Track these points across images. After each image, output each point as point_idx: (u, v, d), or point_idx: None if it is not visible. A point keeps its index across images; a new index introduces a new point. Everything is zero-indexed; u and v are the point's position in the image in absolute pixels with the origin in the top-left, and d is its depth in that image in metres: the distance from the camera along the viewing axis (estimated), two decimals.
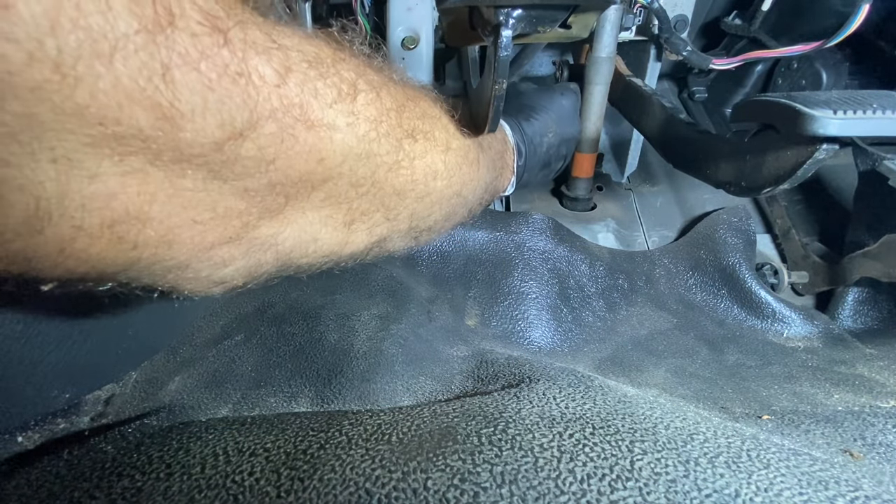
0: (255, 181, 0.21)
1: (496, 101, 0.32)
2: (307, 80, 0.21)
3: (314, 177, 0.23)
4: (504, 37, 0.30)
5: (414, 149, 0.29)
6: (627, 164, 0.68)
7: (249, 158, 0.20)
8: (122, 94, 0.16)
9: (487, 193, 0.45)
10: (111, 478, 0.25)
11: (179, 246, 0.20)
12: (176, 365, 0.39)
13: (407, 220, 0.32)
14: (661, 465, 0.23)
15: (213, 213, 0.20)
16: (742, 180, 0.43)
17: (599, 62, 0.54)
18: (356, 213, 0.28)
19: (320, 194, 0.25)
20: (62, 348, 0.32)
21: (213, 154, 0.19)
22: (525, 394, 0.30)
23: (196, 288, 0.24)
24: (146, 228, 0.19)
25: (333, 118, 0.23)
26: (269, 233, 0.24)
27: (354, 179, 0.26)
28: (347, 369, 0.37)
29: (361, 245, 0.30)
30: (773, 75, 0.70)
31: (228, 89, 0.18)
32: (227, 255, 0.23)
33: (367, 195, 0.27)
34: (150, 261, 0.20)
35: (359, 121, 0.24)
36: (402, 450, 0.25)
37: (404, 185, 0.29)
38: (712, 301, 0.54)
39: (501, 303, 0.49)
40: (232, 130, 0.18)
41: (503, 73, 0.31)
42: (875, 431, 0.30)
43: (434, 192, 0.32)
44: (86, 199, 0.17)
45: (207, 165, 0.19)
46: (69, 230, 0.17)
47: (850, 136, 0.36)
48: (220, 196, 0.20)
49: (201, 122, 0.18)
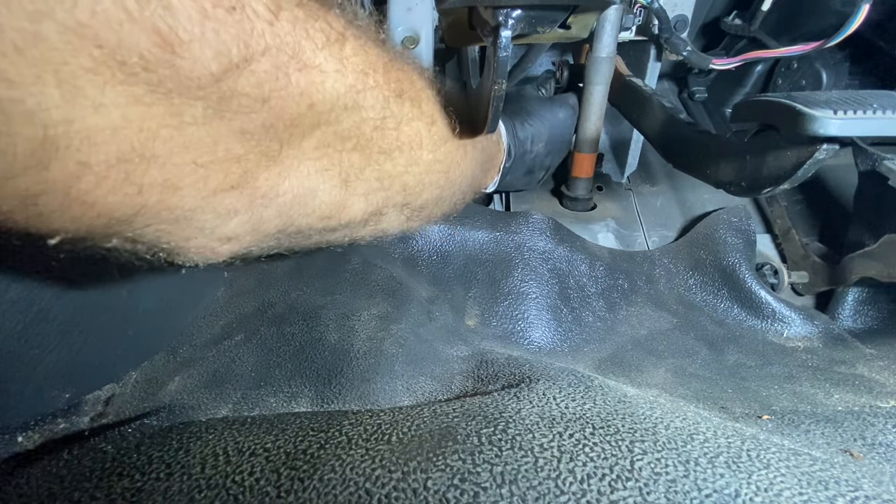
0: (251, 121, 0.21)
1: (495, 101, 0.32)
2: (297, 21, 0.22)
3: (304, 121, 0.24)
4: (503, 37, 0.30)
5: (401, 110, 0.30)
6: (627, 164, 0.68)
7: (245, 95, 0.20)
8: (122, 14, 0.16)
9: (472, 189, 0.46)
10: (111, 478, 0.25)
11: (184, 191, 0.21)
12: (176, 365, 0.39)
13: (400, 191, 0.33)
14: (661, 465, 0.23)
15: (214, 156, 0.21)
16: (742, 180, 0.43)
17: (599, 62, 0.54)
18: (349, 169, 0.28)
19: (312, 142, 0.25)
20: (62, 348, 0.32)
21: (211, 87, 0.19)
22: (525, 394, 0.30)
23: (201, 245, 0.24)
24: (150, 168, 0.19)
25: (323, 62, 0.23)
26: (269, 184, 0.24)
27: (341, 130, 0.26)
28: (347, 369, 0.37)
29: (359, 211, 0.31)
30: (773, 75, 0.70)
31: (223, 19, 0.19)
32: (230, 204, 0.23)
33: (356, 151, 0.28)
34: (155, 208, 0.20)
35: (346, 69, 0.25)
36: (402, 450, 0.25)
37: (390, 146, 0.30)
38: (712, 301, 0.54)
39: (501, 303, 0.49)
40: (228, 62, 0.19)
41: (502, 74, 0.31)
42: (875, 431, 0.30)
43: (421, 162, 0.33)
44: (91, 130, 0.17)
45: (206, 100, 0.19)
46: (75, 166, 0.17)
47: (850, 136, 0.36)
48: (218, 136, 0.21)
49: (199, 51, 0.18)
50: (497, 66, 0.31)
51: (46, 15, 0.15)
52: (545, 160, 0.56)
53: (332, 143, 0.27)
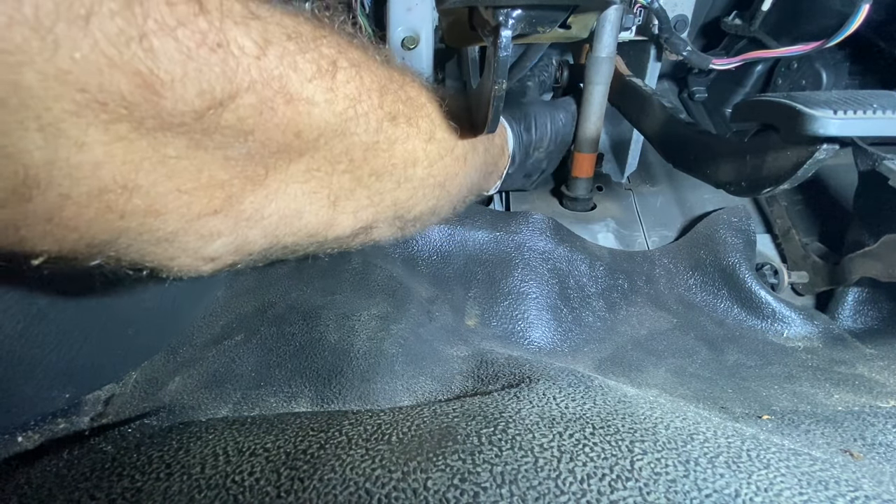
0: (235, 150, 0.21)
1: (496, 101, 0.32)
2: (286, 54, 0.22)
3: (291, 149, 0.24)
4: (503, 37, 0.30)
5: (394, 132, 0.29)
6: (627, 164, 0.68)
7: (229, 128, 0.20)
8: (102, 59, 0.16)
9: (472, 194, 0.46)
10: (111, 478, 0.25)
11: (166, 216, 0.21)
12: (176, 365, 0.39)
13: (391, 207, 0.33)
14: (661, 465, 0.23)
15: (197, 183, 0.21)
16: (742, 180, 0.43)
17: (599, 62, 0.54)
18: (339, 191, 0.28)
19: (300, 167, 0.25)
20: (62, 348, 0.32)
21: (194, 122, 0.19)
22: (525, 394, 0.30)
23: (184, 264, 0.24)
24: (133, 198, 0.19)
25: (312, 93, 0.23)
26: (254, 207, 0.24)
27: (331, 156, 0.26)
28: (347, 369, 0.37)
29: (347, 228, 0.31)
30: (773, 75, 0.70)
31: (207, 59, 0.18)
32: (214, 227, 0.23)
33: (346, 174, 0.28)
34: (137, 231, 0.21)
35: (337, 98, 0.24)
36: (402, 450, 0.25)
37: (382, 167, 0.30)
38: (712, 301, 0.54)
39: (501, 303, 0.49)
40: (212, 100, 0.19)
41: (502, 74, 0.31)
42: (875, 431, 0.30)
43: (414, 178, 0.33)
44: (73, 167, 0.17)
45: (189, 134, 0.19)
46: (57, 198, 0.17)
47: (850, 136, 0.36)
48: (202, 165, 0.21)
49: (181, 91, 0.18)
50: (497, 65, 0.31)
51: (26, 64, 0.15)
52: (542, 164, 0.57)
53: (321, 167, 0.26)
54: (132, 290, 0.38)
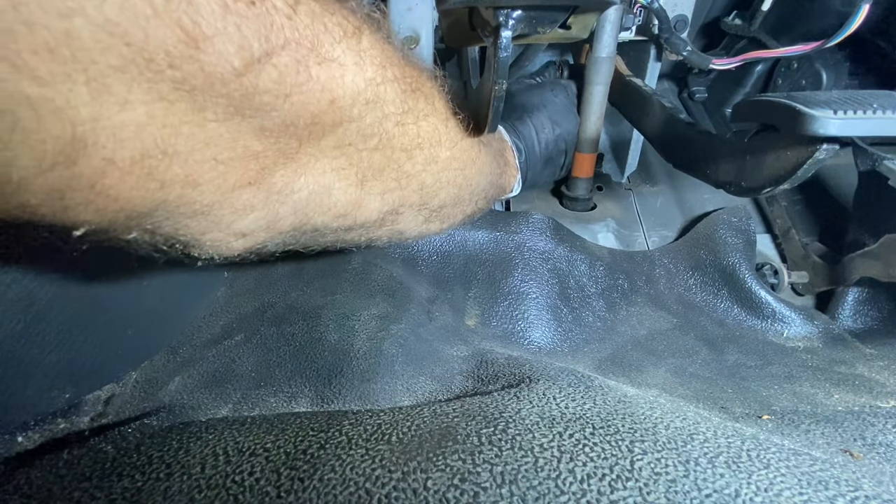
0: (271, 119, 0.22)
1: (496, 101, 0.32)
2: (315, 14, 0.22)
3: (325, 119, 0.24)
4: (504, 38, 0.30)
5: (418, 106, 0.30)
6: (627, 164, 0.68)
7: (267, 92, 0.21)
8: (148, 10, 0.16)
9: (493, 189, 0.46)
10: (111, 478, 0.25)
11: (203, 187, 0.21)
12: (176, 365, 0.39)
13: (417, 191, 0.33)
14: (661, 465, 0.23)
15: (233, 153, 0.21)
16: (742, 180, 0.43)
17: (599, 62, 0.54)
18: (367, 169, 0.28)
19: (331, 141, 0.25)
20: (62, 348, 0.32)
21: (234, 82, 0.19)
22: (525, 394, 0.30)
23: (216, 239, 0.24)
24: (173, 165, 0.20)
25: (342, 55, 0.23)
26: (285, 181, 0.25)
27: (364, 127, 0.26)
28: (347, 369, 0.37)
29: (374, 210, 0.31)
30: (773, 75, 0.70)
31: (245, 13, 0.19)
32: (247, 201, 0.23)
33: (376, 151, 0.28)
34: (175, 203, 0.21)
35: (365, 62, 0.25)
36: (402, 450, 0.25)
37: (411, 143, 0.30)
38: (712, 301, 0.54)
39: (501, 303, 0.49)
40: (250, 56, 0.19)
41: (503, 74, 0.31)
42: (875, 431, 0.30)
43: (439, 160, 0.33)
44: (117, 127, 0.17)
45: (228, 96, 0.20)
46: (101, 163, 0.18)
47: (850, 136, 0.36)
48: (238, 134, 0.21)
49: (221, 46, 0.18)
50: (497, 66, 0.31)
51: (77, 12, 0.15)
52: (558, 144, 0.56)
53: (353, 142, 0.27)
54: (133, 290, 0.38)
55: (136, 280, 0.38)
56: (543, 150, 0.55)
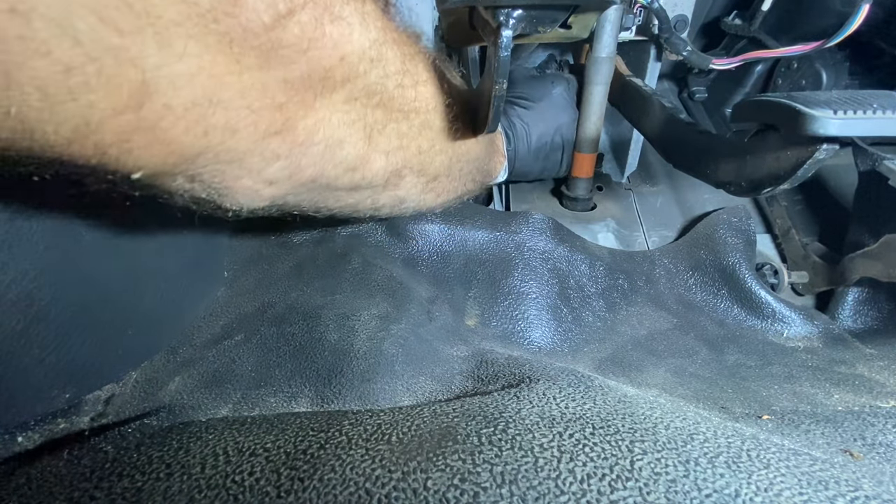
0: (292, 72, 0.25)
1: (496, 101, 0.32)
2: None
3: (336, 73, 0.27)
4: (504, 37, 0.30)
5: (416, 70, 0.33)
6: (627, 164, 0.68)
7: (290, 46, 0.24)
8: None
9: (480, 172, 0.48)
10: (111, 478, 0.25)
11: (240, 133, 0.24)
12: (176, 365, 0.39)
13: (416, 154, 0.36)
14: (661, 465, 0.23)
15: (263, 103, 0.24)
16: (742, 180, 0.43)
17: (599, 62, 0.54)
18: (374, 124, 0.32)
19: (341, 95, 0.29)
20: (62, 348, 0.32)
21: (264, 35, 0.23)
22: (525, 394, 0.30)
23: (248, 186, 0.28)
24: (217, 112, 0.23)
25: (349, 15, 0.27)
26: (306, 132, 0.28)
27: (369, 84, 0.30)
28: (347, 369, 0.37)
29: (381, 168, 0.34)
30: (773, 75, 0.70)
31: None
32: (275, 149, 0.27)
33: (379, 108, 0.31)
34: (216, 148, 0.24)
35: (369, 24, 0.28)
36: (402, 450, 0.25)
37: (408, 105, 0.33)
38: (712, 301, 0.54)
39: (501, 303, 0.49)
40: (277, 13, 0.23)
41: (503, 74, 0.31)
42: (875, 431, 0.30)
43: (433, 127, 0.36)
44: (175, 76, 0.20)
45: (259, 49, 0.23)
46: (161, 108, 0.21)
47: (850, 136, 0.36)
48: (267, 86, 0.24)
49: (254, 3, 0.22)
50: (498, 65, 0.31)
51: None
52: (554, 138, 0.56)
53: (359, 98, 0.30)
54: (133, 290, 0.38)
55: (135, 280, 0.38)
56: (535, 142, 0.55)
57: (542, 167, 0.58)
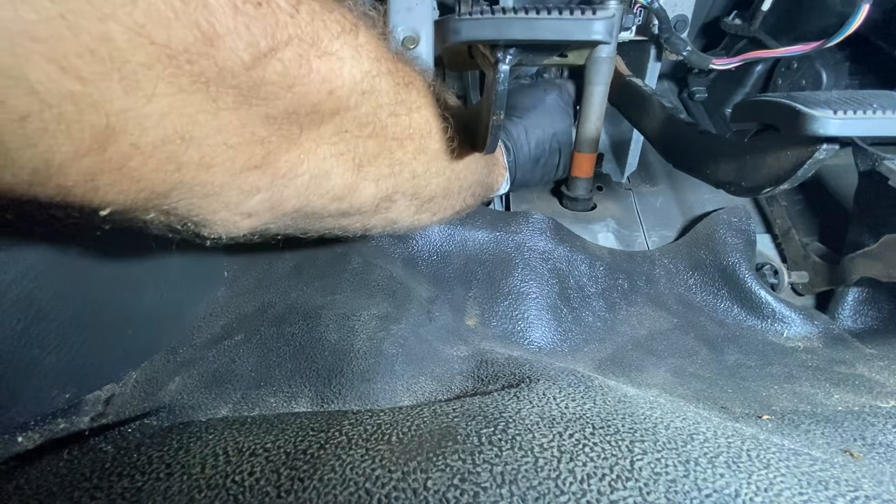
0: (276, 108, 0.24)
1: (494, 129, 0.33)
2: (315, 13, 0.24)
3: (325, 107, 0.26)
4: (501, 72, 0.31)
5: (410, 98, 0.32)
6: (627, 164, 0.68)
7: (273, 84, 0.23)
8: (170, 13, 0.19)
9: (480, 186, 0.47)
10: (111, 478, 0.25)
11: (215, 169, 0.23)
12: (176, 365, 0.39)
13: (410, 179, 0.35)
14: (661, 465, 0.23)
15: (242, 138, 0.24)
16: (742, 180, 0.43)
17: (599, 62, 0.54)
18: (363, 155, 0.31)
19: (330, 128, 0.28)
20: (62, 348, 0.32)
21: (243, 75, 0.22)
22: (525, 394, 0.30)
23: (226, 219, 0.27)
24: (189, 149, 0.22)
25: (339, 49, 0.26)
26: (289, 165, 0.27)
27: (360, 115, 0.29)
28: (347, 369, 0.37)
29: (370, 196, 0.33)
30: (773, 75, 0.70)
31: (252, 14, 0.21)
32: (254, 183, 0.26)
33: (371, 139, 0.30)
34: (190, 183, 0.23)
35: (361, 56, 0.27)
36: (402, 450, 0.25)
37: (403, 133, 0.32)
38: (712, 301, 0.54)
39: (501, 303, 0.49)
40: (257, 52, 0.22)
41: (501, 105, 0.32)
42: (875, 431, 0.30)
43: (429, 151, 0.35)
44: (143, 117, 0.20)
45: (238, 87, 0.22)
46: (128, 148, 0.20)
47: (850, 136, 0.36)
48: (246, 121, 0.23)
49: (232, 43, 0.21)
50: (496, 98, 0.31)
51: (111, 17, 0.17)
52: (552, 144, 0.56)
53: (350, 129, 0.29)
54: (133, 290, 0.38)
55: (135, 280, 0.38)
56: (534, 150, 0.55)
57: (542, 173, 0.58)
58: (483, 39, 0.32)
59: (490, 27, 0.31)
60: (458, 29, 0.32)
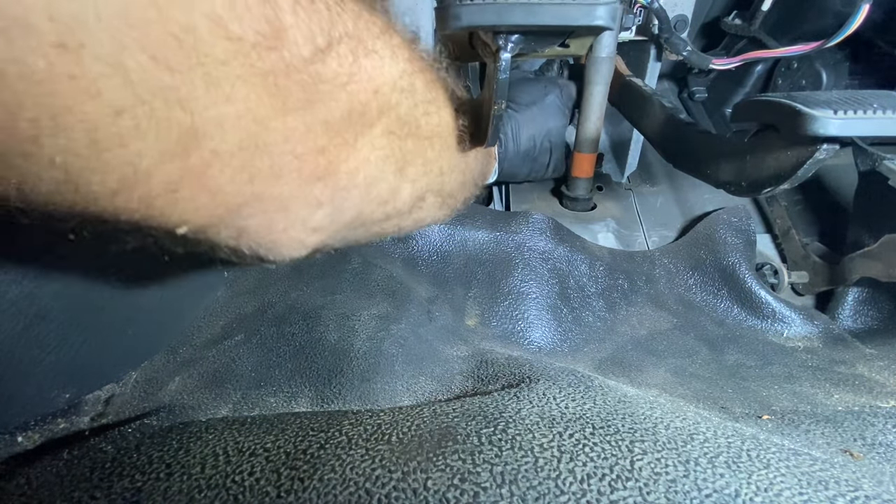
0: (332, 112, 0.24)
1: (495, 119, 0.33)
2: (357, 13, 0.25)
3: (372, 107, 0.27)
4: (503, 60, 0.31)
5: (438, 96, 0.33)
6: (627, 164, 0.68)
7: (329, 81, 0.23)
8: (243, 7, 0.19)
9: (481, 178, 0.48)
10: (111, 478, 0.25)
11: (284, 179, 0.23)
12: (176, 365, 0.39)
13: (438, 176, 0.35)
14: (661, 465, 0.23)
15: (306, 147, 0.24)
16: (742, 180, 0.43)
17: (599, 62, 0.54)
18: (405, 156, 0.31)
19: (378, 129, 0.28)
20: (62, 348, 0.32)
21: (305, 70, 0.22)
22: (525, 394, 0.30)
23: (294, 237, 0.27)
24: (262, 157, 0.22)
25: (381, 48, 0.26)
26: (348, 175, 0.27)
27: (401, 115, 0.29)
28: (347, 369, 0.37)
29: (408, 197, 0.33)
30: (773, 75, 0.70)
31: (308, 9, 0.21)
32: (318, 195, 0.26)
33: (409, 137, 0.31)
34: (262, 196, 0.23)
35: (397, 56, 0.28)
36: (402, 450, 0.25)
37: (433, 131, 0.33)
38: (712, 301, 0.54)
39: (501, 303, 0.49)
40: (315, 47, 0.22)
41: (502, 95, 0.31)
42: (875, 431, 0.30)
43: (452, 147, 0.36)
44: (222, 118, 0.19)
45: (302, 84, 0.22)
46: (208, 154, 0.20)
47: (850, 136, 0.36)
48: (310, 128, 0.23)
49: (294, 37, 0.21)
50: (497, 87, 0.31)
51: (195, 5, 0.17)
52: (543, 142, 0.57)
53: (394, 130, 0.29)
54: (133, 291, 0.38)
55: (136, 280, 0.38)
56: (524, 144, 0.56)
57: (530, 169, 0.59)
58: (484, 25, 0.32)
59: (491, 12, 0.31)
60: (458, 14, 0.32)
